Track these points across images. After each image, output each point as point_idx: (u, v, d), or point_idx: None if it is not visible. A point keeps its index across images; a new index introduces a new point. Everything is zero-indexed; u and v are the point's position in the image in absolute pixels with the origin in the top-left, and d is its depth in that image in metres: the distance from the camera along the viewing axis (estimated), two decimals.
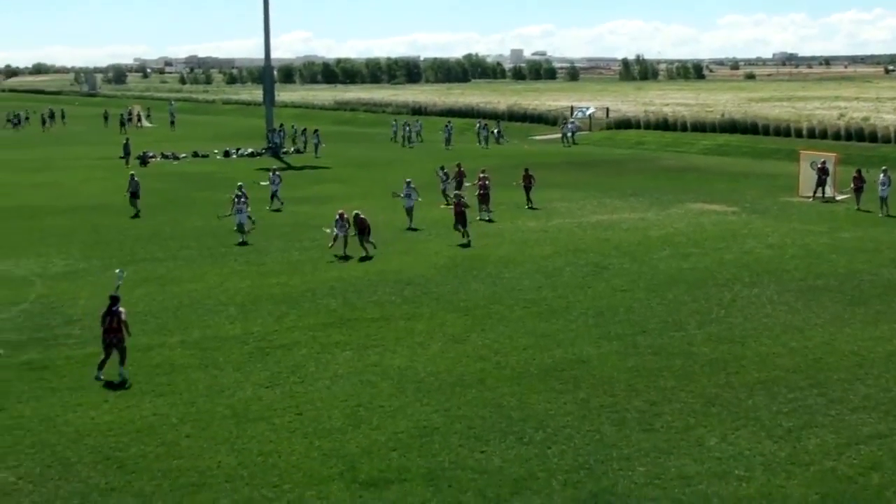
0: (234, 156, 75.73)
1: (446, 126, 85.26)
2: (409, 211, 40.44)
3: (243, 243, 36.47)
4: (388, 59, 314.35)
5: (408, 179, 41.46)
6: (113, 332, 21.42)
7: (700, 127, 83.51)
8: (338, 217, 34.84)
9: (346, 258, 33.89)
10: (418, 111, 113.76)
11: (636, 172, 62.11)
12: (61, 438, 17.96)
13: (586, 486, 16.07)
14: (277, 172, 49.06)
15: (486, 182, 43.56)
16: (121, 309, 21.65)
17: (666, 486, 16.01)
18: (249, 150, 77.32)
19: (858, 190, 44.85)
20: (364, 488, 15.92)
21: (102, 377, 21.30)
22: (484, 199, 43.00)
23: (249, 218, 38.08)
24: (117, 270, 23.78)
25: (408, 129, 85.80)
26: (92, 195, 51.04)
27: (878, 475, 16.47)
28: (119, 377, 21.26)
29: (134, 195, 45.70)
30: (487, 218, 42.21)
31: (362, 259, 33.75)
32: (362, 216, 34.67)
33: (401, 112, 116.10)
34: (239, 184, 38.35)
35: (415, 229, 39.06)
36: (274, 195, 47.14)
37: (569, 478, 16.34)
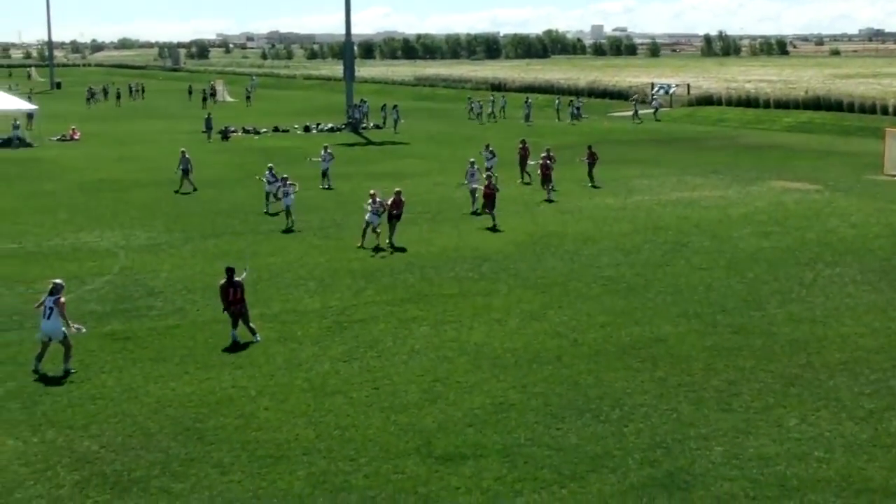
0: (314, 131, 76.27)
1: (526, 102, 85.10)
2: (472, 193, 39.22)
3: (289, 230, 35.04)
4: (468, 35, 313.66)
5: (471, 159, 40.82)
6: (237, 302, 22.07)
7: (783, 104, 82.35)
8: (370, 200, 32.67)
9: (378, 249, 32.04)
10: (497, 87, 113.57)
11: (717, 150, 61.38)
12: (143, 409, 18.29)
13: (663, 464, 15.98)
14: (329, 150, 47.59)
15: (548, 161, 42.53)
16: (239, 279, 22.19)
17: (743, 467, 15.86)
18: (329, 125, 77.83)
19: None
20: (440, 463, 15.99)
21: (239, 338, 22.06)
22: (546, 178, 42.12)
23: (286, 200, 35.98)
24: (246, 269, 23.98)
25: (492, 104, 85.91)
26: (173, 168, 51.64)
27: None
28: (242, 339, 22.10)
29: (185, 172, 45.12)
30: (548, 198, 41.32)
31: (386, 247, 32.51)
32: (401, 196, 33.26)
33: (480, 88, 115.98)
34: (284, 176, 37.12)
35: (477, 213, 38.36)
36: (325, 173, 46.14)
37: (645, 456, 16.26)
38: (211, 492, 14.95)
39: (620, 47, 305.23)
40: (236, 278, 22.21)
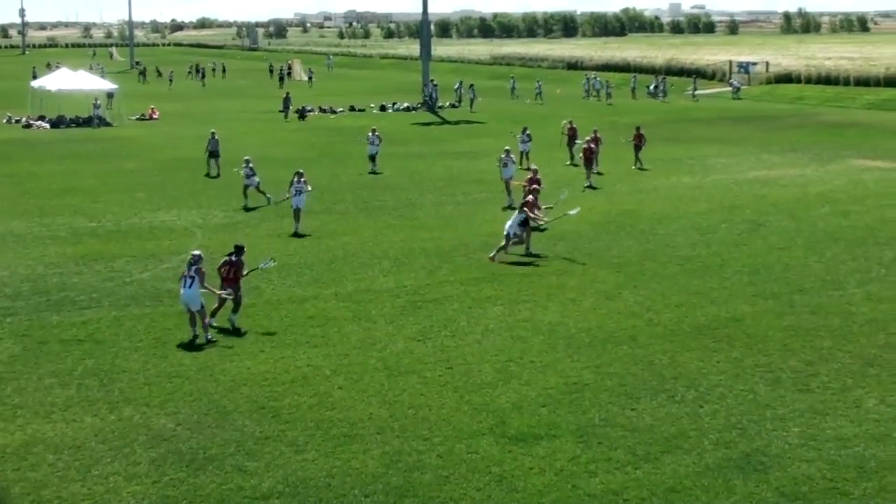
0: (391, 110, 76.51)
1: (606, 82, 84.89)
2: (506, 182, 36.36)
3: (297, 234, 31.27)
4: (545, 13, 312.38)
5: (506, 147, 37.76)
6: (229, 281, 21.74)
7: (863, 81, 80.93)
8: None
9: None
10: (574, 66, 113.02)
11: (796, 128, 60.49)
12: (218, 387, 18.52)
13: (739, 446, 15.84)
14: (377, 133, 44.88)
15: (592, 145, 40.45)
16: (242, 260, 22.00)
17: (821, 448, 15.67)
18: (405, 105, 77.99)
19: None
20: (514, 443, 16.00)
21: (215, 323, 21.66)
22: (588, 162, 39.94)
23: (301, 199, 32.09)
24: (271, 262, 23.78)
25: (597, 83, 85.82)
26: (251, 148, 52.09)
27: None
28: (229, 324, 21.76)
29: (213, 154, 43.84)
30: (589, 184, 38.98)
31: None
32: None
33: (556, 66, 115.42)
34: (299, 171, 32.91)
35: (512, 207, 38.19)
36: (373, 158, 43.92)
37: (721, 437, 16.13)
38: (285, 470, 15.11)
39: (699, 25, 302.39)
40: (242, 258, 22.01)
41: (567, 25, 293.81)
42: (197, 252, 21.45)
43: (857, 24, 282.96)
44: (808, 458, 15.35)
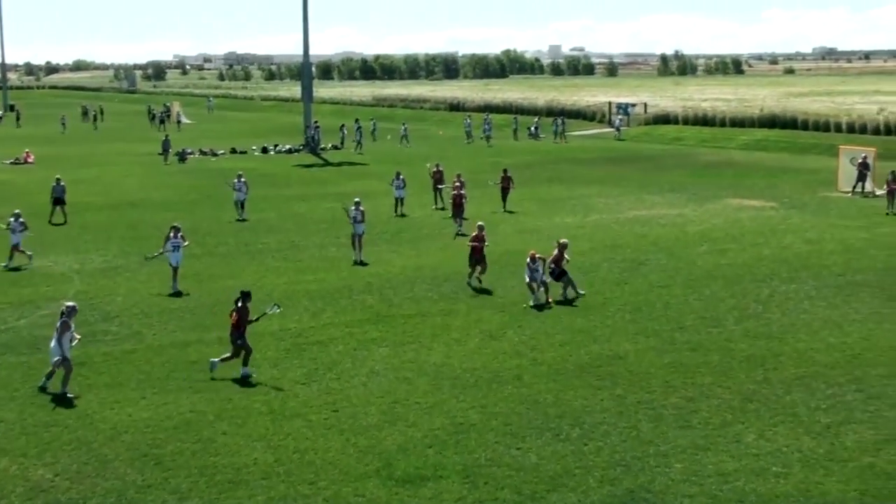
0: (272, 152, 76.07)
1: (485, 120, 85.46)
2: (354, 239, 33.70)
3: (177, 293, 28.92)
4: (427, 55, 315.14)
5: (356, 199, 35.47)
6: (233, 327, 21.39)
7: (739, 122, 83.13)
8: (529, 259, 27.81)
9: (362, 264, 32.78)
10: (456, 107, 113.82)
11: (674, 168, 61.82)
12: (98, 435, 18.08)
13: (623, 482, 16.01)
14: (244, 179, 43.25)
15: (461, 191, 38.87)
16: (248, 306, 21.53)
17: (703, 483, 15.92)
18: (287, 147, 77.65)
19: (891, 193, 42.49)
20: (400, 485, 15.93)
21: (246, 370, 21.35)
22: (457, 208, 38.25)
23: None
24: (276, 308, 23.03)
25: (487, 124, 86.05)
26: (130, 191, 51.39)
27: None
28: (244, 377, 21.27)
29: (58, 201, 41.80)
30: (459, 231, 36.83)
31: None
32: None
33: (438, 108, 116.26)
34: (175, 224, 30.69)
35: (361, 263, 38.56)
36: (241, 204, 42.44)
37: (605, 474, 16.28)
38: None
39: (578, 67, 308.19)
40: (248, 304, 21.57)
41: (448, 67, 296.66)
42: (70, 304, 20.92)
43: (731, 67, 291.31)
44: (690, 493, 15.58)
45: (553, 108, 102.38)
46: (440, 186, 44.56)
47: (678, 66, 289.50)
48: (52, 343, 20.25)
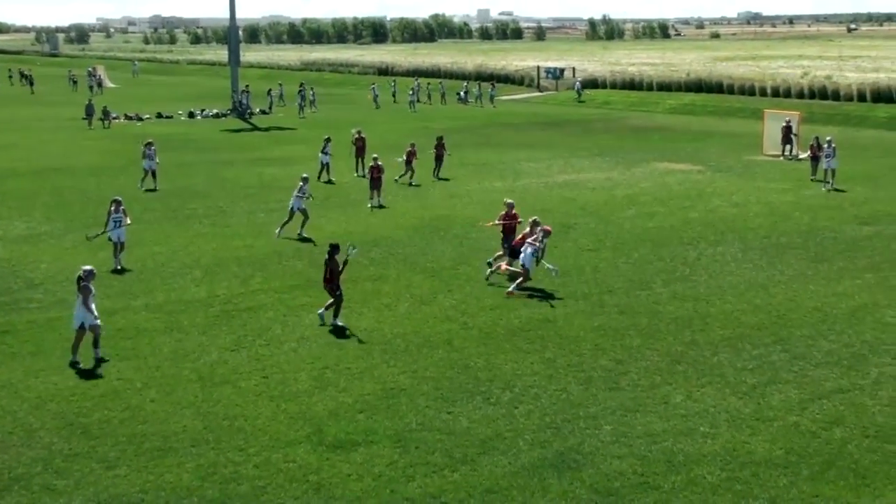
0: (199, 117, 75.23)
1: (413, 87, 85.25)
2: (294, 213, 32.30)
3: (118, 270, 27.34)
4: (355, 18, 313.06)
5: (304, 175, 35.80)
6: (326, 281, 22.22)
7: (666, 86, 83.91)
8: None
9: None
10: (385, 71, 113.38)
11: (603, 132, 62.18)
12: (23, 405, 17.77)
13: (553, 445, 16.10)
14: (153, 147, 41.58)
15: (378, 164, 36.93)
16: (336, 259, 22.28)
17: (632, 444, 16.07)
18: (214, 111, 76.80)
19: (815, 159, 42.59)
20: (331, 450, 15.88)
21: (337, 321, 22.18)
22: (374, 183, 36.85)
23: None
24: (354, 250, 23.51)
25: (393, 86, 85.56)
26: (54, 157, 50.44)
27: (840, 429, 16.63)
28: (329, 323, 22.19)
29: None
30: (376, 203, 36.64)
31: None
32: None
33: (367, 72, 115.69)
34: (116, 198, 29.17)
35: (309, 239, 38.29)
36: (151, 173, 41.01)
37: (536, 437, 16.37)
38: (96, 487, 14.60)
39: (507, 31, 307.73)
40: (336, 257, 22.34)
41: (377, 31, 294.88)
42: (87, 268, 20.68)
43: (658, 31, 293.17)
44: (619, 454, 15.72)
45: (482, 73, 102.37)
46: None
47: (606, 31, 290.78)
48: (78, 309, 19.94)
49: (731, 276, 26.35)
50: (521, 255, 25.14)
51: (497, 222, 27.58)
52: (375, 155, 37.64)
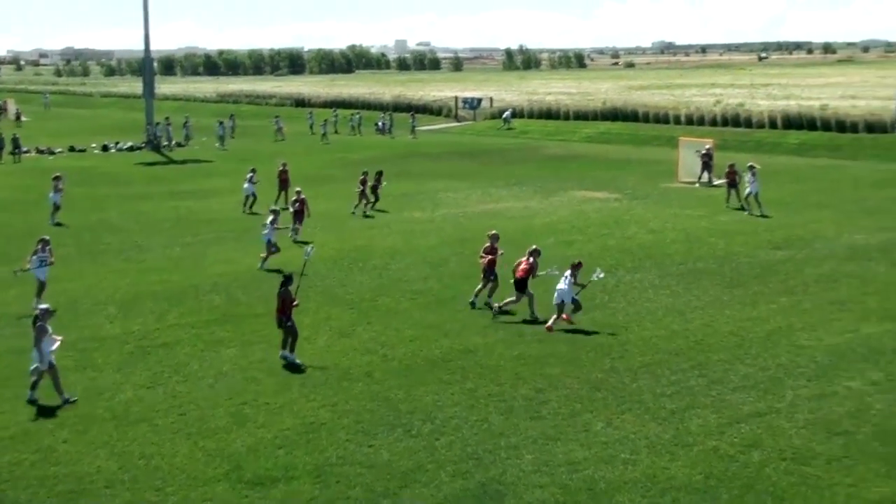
0: (113, 150, 74.24)
1: (331, 118, 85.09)
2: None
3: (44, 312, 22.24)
4: (272, 50, 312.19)
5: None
6: (280, 312, 21.79)
7: (582, 115, 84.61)
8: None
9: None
10: (302, 103, 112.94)
11: (520, 161, 62.51)
12: None
13: (475, 475, 16.03)
14: (62, 180, 41.15)
15: (301, 197, 36.54)
16: (289, 289, 21.96)
17: (553, 473, 16.06)
18: (129, 144, 75.85)
19: (731, 185, 42.77)
20: (250, 487, 15.64)
21: (293, 357, 21.83)
22: (297, 216, 36.41)
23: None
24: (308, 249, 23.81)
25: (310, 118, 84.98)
26: None
27: (758, 452, 16.81)
28: (284, 360, 21.79)
29: None
30: (294, 238, 35.85)
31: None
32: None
33: (284, 104, 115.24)
34: (44, 237, 28.24)
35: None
36: (55, 207, 40.36)
37: (457, 468, 16.29)
38: None
39: (424, 61, 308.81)
40: (290, 288, 22.14)
41: (294, 62, 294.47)
42: (44, 306, 20.25)
43: (574, 61, 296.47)
44: (541, 483, 15.69)
45: (400, 104, 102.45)
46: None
47: (522, 61, 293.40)
48: (33, 352, 19.43)
49: (648, 303, 26.56)
50: (561, 295, 24.55)
51: (482, 257, 26.92)
52: (298, 188, 37.39)
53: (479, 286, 26.46)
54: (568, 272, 24.80)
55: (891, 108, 66.85)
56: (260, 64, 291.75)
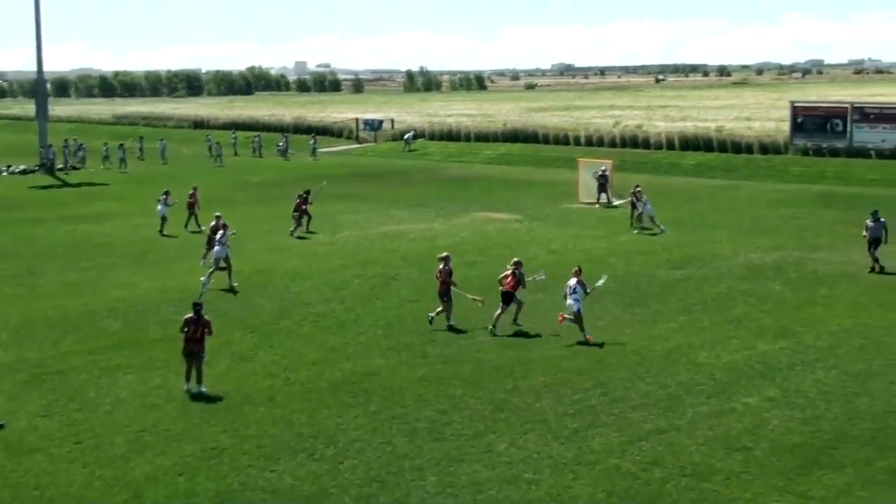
0: (5, 173, 72.66)
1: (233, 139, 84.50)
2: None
3: None
4: (169, 71, 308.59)
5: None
6: (195, 341, 21.11)
7: (483, 137, 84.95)
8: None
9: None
10: (200, 125, 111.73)
11: (422, 183, 62.58)
12: None
13: (379, 498, 15.94)
14: None
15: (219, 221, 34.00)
16: (206, 317, 21.46)
17: (458, 494, 16.03)
18: (21, 168, 74.27)
19: (634, 206, 43.12)
20: None
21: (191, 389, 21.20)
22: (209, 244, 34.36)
23: None
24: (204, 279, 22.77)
25: (210, 142, 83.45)
26: None
27: (660, 470, 16.97)
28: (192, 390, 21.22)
29: None
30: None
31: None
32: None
33: (182, 126, 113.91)
34: None
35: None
36: None
37: (361, 492, 16.18)
38: None
39: (325, 83, 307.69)
40: (203, 315, 21.53)
41: (192, 84, 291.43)
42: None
43: (475, 83, 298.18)
44: None
45: (300, 125, 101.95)
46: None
47: (423, 83, 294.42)
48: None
49: (551, 323, 26.68)
50: (570, 303, 25.07)
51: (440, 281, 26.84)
52: (218, 213, 36.67)
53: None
54: (573, 281, 25.29)
55: (784, 130, 68.39)
56: (157, 85, 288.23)
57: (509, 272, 26.25)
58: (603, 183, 49.97)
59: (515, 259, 26.95)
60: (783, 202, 49.93)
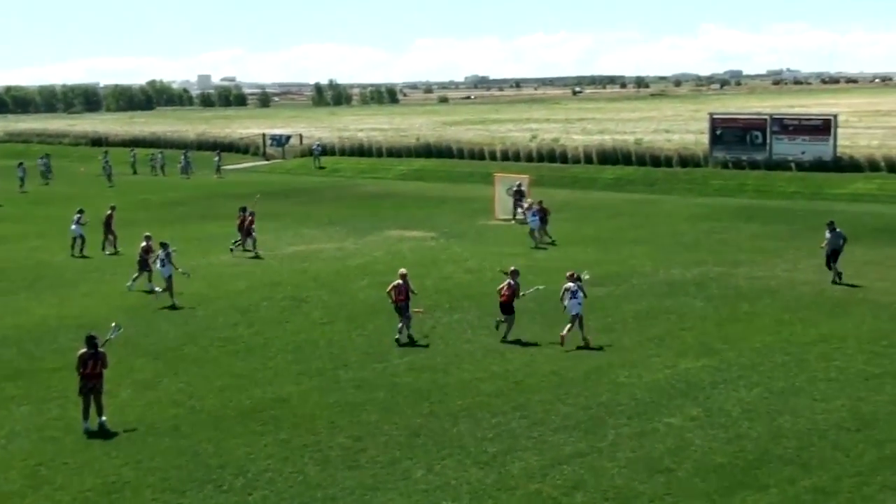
0: None
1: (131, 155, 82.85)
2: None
3: None
4: (64, 86, 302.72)
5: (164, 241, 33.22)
6: (95, 377, 20.04)
7: (396, 152, 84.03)
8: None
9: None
10: (98, 142, 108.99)
11: (333, 200, 61.76)
12: None
13: None
14: None
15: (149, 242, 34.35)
16: (102, 350, 20.35)
17: None
18: None
19: (543, 220, 43.14)
20: None
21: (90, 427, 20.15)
22: (142, 265, 34.11)
23: None
24: (113, 325, 22.17)
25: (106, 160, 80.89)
26: None
27: (581, 494, 16.62)
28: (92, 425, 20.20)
29: None
30: (142, 286, 34.08)
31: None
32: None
33: (80, 143, 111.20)
34: None
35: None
36: None
37: None
38: None
39: (230, 98, 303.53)
40: (91, 334, 20.65)
41: (89, 99, 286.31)
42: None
43: (386, 96, 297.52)
44: None
45: (204, 142, 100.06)
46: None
47: (333, 96, 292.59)
48: None
49: (467, 344, 26.20)
50: (569, 307, 25.78)
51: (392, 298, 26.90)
52: (148, 234, 35.34)
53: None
54: (571, 284, 25.84)
55: (703, 142, 68.63)
56: (52, 101, 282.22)
57: (504, 283, 26.75)
58: (518, 199, 49.67)
59: (512, 268, 27.58)
60: (704, 216, 50.04)
